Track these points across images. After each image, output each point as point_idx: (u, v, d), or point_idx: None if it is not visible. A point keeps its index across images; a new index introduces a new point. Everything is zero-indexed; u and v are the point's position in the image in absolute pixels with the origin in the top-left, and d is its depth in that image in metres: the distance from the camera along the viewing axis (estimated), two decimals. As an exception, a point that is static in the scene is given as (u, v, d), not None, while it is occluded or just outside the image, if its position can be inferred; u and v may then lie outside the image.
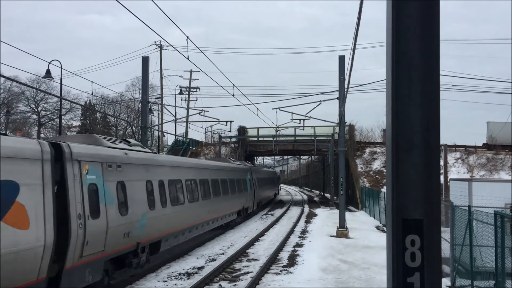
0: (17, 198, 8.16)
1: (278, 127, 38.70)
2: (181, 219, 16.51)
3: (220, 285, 13.53)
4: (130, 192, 12.37)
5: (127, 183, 12.28)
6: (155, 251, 14.47)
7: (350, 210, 39.60)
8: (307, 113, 27.91)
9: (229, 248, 20.02)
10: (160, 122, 47.96)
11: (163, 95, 51.44)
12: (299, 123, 30.53)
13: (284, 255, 18.03)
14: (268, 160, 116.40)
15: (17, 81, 32.20)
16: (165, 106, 43.54)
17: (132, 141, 15.54)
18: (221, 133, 46.22)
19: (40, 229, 8.54)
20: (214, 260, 17.31)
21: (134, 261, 12.70)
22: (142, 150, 14.88)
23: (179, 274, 14.91)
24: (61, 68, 28.31)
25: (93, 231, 10.27)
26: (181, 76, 57.48)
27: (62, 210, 9.32)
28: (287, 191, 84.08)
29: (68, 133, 70.18)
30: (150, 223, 13.40)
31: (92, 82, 24.89)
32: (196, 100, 60.85)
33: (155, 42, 50.13)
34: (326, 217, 32.86)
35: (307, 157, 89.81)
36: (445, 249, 13.49)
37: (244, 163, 34.66)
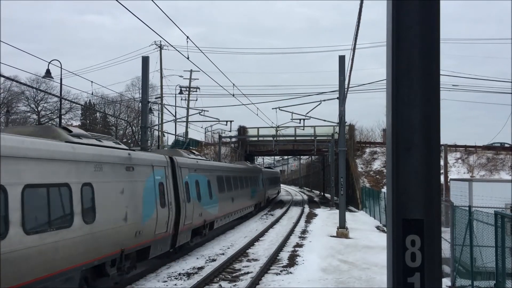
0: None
1: (278, 127, 38.68)
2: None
3: (220, 285, 13.53)
4: (198, 185, 19.28)
5: (200, 179, 19.52)
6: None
7: (350, 210, 39.60)
8: (307, 113, 27.92)
9: (229, 248, 20.02)
10: (160, 122, 47.96)
11: (163, 95, 51.46)
12: (299, 123, 30.50)
13: (284, 255, 18.02)
14: (268, 160, 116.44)
15: (17, 81, 32.20)
16: (165, 106, 43.50)
17: (196, 152, 24.28)
18: (221, 133, 46.21)
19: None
20: (214, 260, 17.30)
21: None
22: (200, 158, 22.43)
23: (179, 274, 14.91)
24: (61, 68, 28.33)
25: (187, 208, 17.24)
26: (181, 76, 57.53)
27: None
28: (287, 191, 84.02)
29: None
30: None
31: (92, 82, 24.90)
32: (196, 100, 60.83)
33: (155, 42, 50.13)
34: (326, 217, 32.86)
35: (307, 157, 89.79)
36: (446, 249, 13.48)
37: (256, 165, 42.63)
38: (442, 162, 23.11)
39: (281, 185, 73.07)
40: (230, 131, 40.12)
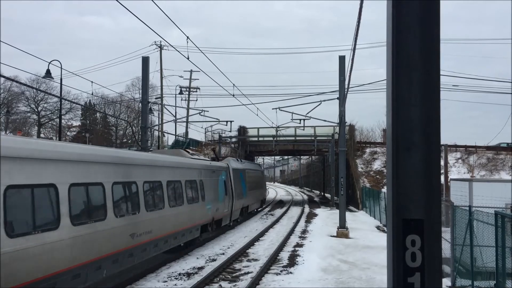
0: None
1: (278, 127, 38.66)
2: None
3: (220, 285, 13.53)
4: (239, 182, 27.99)
5: (240, 178, 28.58)
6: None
7: (351, 210, 39.61)
8: (307, 113, 27.90)
9: (229, 248, 20.01)
10: (160, 122, 47.99)
11: (163, 95, 51.48)
12: (299, 123, 30.48)
13: (284, 255, 18.02)
14: (268, 160, 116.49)
15: (17, 81, 32.21)
16: (165, 106, 43.56)
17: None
18: (221, 133, 46.19)
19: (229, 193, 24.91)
20: (214, 260, 17.30)
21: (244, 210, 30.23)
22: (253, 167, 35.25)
23: (179, 274, 14.90)
24: (61, 68, 28.34)
25: (235, 197, 26.01)
26: (181, 76, 57.61)
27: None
28: (287, 191, 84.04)
29: (68, 133, 70.26)
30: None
31: (92, 82, 24.89)
32: (196, 100, 60.93)
33: (155, 42, 50.24)
34: (326, 217, 32.86)
35: (307, 157, 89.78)
36: (446, 249, 13.49)
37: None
38: (442, 162, 23.11)
39: (281, 185, 73.16)
40: (230, 131, 40.14)
